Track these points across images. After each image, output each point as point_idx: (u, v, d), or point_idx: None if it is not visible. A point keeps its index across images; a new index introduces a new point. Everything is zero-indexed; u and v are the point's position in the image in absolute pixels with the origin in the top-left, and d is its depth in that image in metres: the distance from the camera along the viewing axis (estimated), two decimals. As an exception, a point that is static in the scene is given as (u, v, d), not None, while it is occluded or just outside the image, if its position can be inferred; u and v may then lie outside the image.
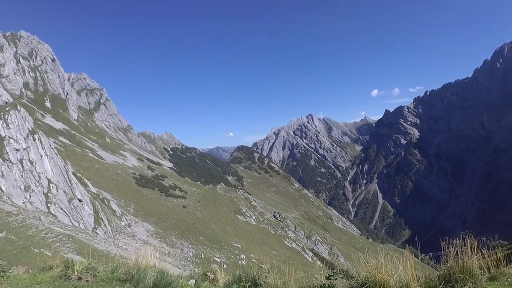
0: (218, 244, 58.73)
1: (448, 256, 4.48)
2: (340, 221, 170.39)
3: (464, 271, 4.27)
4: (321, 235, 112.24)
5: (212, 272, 6.49)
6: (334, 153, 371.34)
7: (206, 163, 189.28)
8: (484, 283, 4.30)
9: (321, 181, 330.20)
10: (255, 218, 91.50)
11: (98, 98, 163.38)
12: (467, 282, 4.19)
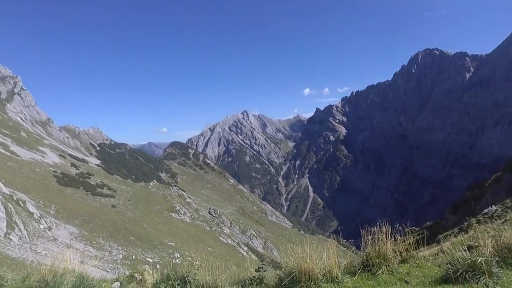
0: (151, 244, 56.53)
1: (367, 243, 4.87)
2: (274, 215, 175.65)
3: (379, 256, 4.68)
4: (255, 230, 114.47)
5: (139, 273, 6.17)
6: (268, 149, 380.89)
7: (137, 160, 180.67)
8: (396, 266, 4.75)
9: (256, 176, 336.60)
10: (189, 215, 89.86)
11: (11, 87, 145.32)
12: (382, 265, 4.60)
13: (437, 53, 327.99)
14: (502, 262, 4.62)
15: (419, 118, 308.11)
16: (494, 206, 22.90)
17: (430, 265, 4.91)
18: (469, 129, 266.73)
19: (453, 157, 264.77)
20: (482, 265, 4.01)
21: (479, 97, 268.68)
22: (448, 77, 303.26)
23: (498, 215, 16.37)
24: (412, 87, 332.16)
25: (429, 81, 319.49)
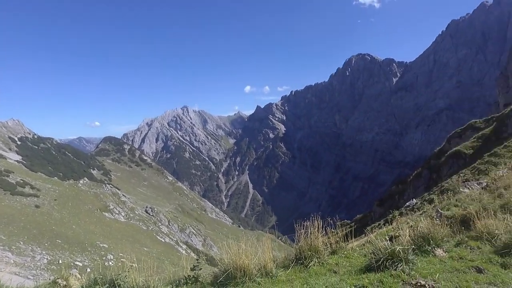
0: (81, 247, 52.75)
1: (300, 237, 5.07)
2: (214, 212, 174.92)
3: (311, 248, 4.91)
4: (195, 227, 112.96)
5: (63, 278, 5.69)
6: (208, 146, 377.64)
7: (65, 156, 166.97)
8: (326, 257, 5.03)
9: (195, 173, 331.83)
10: (124, 214, 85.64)
11: None
12: (314, 257, 4.83)
13: (368, 58, 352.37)
14: (418, 249, 5.12)
15: (352, 118, 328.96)
16: (415, 199, 25.02)
17: (356, 255, 5.27)
18: (395, 129, 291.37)
19: (381, 154, 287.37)
20: (400, 253, 4.41)
21: (403, 101, 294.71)
22: (378, 81, 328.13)
23: (418, 207, 18.11)
24: (346, 89, 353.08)
25: (361, 84, 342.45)
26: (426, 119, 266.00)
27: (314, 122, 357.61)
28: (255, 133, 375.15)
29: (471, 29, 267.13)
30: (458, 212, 7.56)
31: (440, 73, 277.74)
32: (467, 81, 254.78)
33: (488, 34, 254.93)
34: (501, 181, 9.91)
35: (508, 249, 4.72)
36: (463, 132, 69.21)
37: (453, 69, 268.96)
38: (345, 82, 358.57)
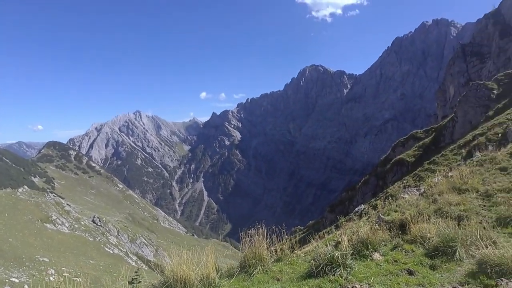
0: (17, 261, 48.47)
1: (245, 245, 5.05)
2: (167, 221, 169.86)
3: (255, 256, 4.91)
4: (146, 237, 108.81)
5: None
6: (162, 152, 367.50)
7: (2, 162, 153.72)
8: (270, 265, 5.06)
9: (148, 181, 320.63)
10: (69, 225, 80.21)
11: None
12: (258, 265, 4.83)
13: (321, 69, 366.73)
14: (357, 254, 5.33)
15: (306, 126, 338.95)
16: (363, 205, 26.07)
17: (301, 262, 5.36)
18: (345, 138, 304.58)
19: (332, 162, 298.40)
20: (339, 259, 4.55)
21: (353, 111, 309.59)
22: (330, 91, 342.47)
23: (365, 213, 18.94)
24: (301, 98, 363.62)
25: (315, 94, 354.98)
26: (374, 129, 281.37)
27: (269, 129, 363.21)
28: (210, 140, 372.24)
29: (413, 47, 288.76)
30: (397, 217, 7.97)
31: (386, 86, 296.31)
32: (410, 94, 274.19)
33: (427, 52, 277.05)
34: (436, 187, 10.64)
35: (437, 251, 5.06)
36: (406, 141, 73.98)
37: (398, 82, 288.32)
38: (299, 92, 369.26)
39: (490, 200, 8.72)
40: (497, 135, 34.92)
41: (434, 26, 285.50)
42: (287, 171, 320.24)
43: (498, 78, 63.09)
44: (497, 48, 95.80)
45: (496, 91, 59.44)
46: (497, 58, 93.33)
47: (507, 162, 11.85)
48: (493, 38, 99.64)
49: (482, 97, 59.93)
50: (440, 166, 36.43)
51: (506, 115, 43.55)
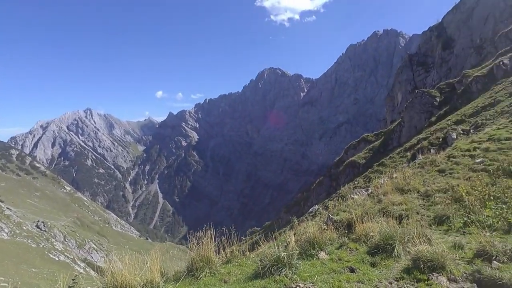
0: None
1: (192, 248, 4.96)
2: (119, 225, 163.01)
3: (203, 259, 4.84)
4: (96, 242, 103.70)
5: None
6: (115, 153, 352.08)
7: None
8: (219, 267, 5.02)
9: (99, 182, 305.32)
10: (8, 231, 74.28)
11: None
12: (205, 268, 4.76)
13: (279, 72, 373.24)
14: (304, 253, 5.46)
15: (263, 128, 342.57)
16: (317, 205, 26.75)
17: (250, 263, 5.37)
18: (302, 140, 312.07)
19: (289, 163, 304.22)
20: (284, 259, 4.62)
21: (309, 114, 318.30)
22: (287, 94, 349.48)
23: (319, 213, 19.49)
24: (259, 100, 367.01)
25: (272, 96, 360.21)
26: (329, 132, 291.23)
27: (227, 131, 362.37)
28: (166, 140, 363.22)
29: (365, 54, 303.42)
30: (345, 217, 8.28)
31: (340, 90, 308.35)
32: (363, 99, 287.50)
33: (379, 60, 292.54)
34: (381, 188, 11.20)
35: (377, 249, 5.33)
36: (358, 144, 77.46)
37: (351, 87, 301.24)
38: (257, 93, 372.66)
39: (429, 200, 9.35)
40: (439, 140, 37.61)
41: (384, 36, 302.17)
42: (244, 173, 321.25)
43: (440, 87, 68.14)
44: (440, 59, 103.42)
45: (438, 98, 64.08)
46: (439, 68, 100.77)
47: (445, 165, 12.79)
48: (436, 50, 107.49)
49: (426, 104, 64.34)
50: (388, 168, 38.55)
51: (447, 121, 47.10)
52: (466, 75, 60.08)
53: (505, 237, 6.29)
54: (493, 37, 76.53)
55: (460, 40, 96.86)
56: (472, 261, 4.82)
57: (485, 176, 10.28)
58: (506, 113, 29.56)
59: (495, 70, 50.17)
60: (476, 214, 7.54)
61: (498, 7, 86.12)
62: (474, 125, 34.18)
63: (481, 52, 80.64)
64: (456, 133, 30.00)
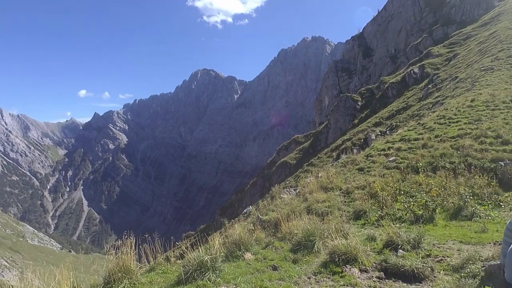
0: None
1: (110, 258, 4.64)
2: (36, 238, 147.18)
3: (121, 269, 4.55)
4: (8, 259, 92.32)
5: None
6: (31, 158, 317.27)
7: None
8: (139, 276, 4.77)
9: (11, 191, 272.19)
10: None
11: None
12: (124, 279, 4.49)
13: (213, 74, 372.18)
14: (230, 255, 5.48)
15: (197, 130, 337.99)
16: (251, 206, 27.06)
17: (174, 270, 5.21)
18: (236, 142, 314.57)
19: (223, 165, 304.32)
20: (208, 263, 4.58)
21: (243, 116, 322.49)
22: (221, 96, 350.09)
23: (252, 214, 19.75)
24: (192, 102, 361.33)
25: (206, 97, 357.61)
26: (262, 133, 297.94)
27: (159, 132, 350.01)
28: (92, 143, 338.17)
29: (296, 59, 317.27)
30: (273, 216, 8.50)
31: (273, 93, 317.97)
32: (293, 102, 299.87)
33: (308, 65, 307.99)
34: (307, 187, 11.73)
35: (300, 246, 5.57)
36: (289, 145, 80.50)
37: (283, 90, 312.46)
38: (190, 95, 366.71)
39: (350, 197, 10.05)
40: (360, 140, 40.73)
41: (313, 42, 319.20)
42: (178, 176, 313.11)
43: (362, 92, 74.02)
44: (361, 66, 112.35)
45: (360, 102, 69.46)
46: (361, 74, 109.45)
47: (364, 163, 13.87)
48: (358, 57, 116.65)
49: (350, 108, 69.36)
50: (316, 167, 40.68)
51: (367, 123, 51.24)
52: (383, 82, 66.13)
53: (411, 227, 7.02)
54: (405, 48, 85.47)
55: (378, 50, 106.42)
56: (382, 251, 5.29)
57: (397, 173, 11.36)
58: (416, 116, 33.14)
59: (407, 78, 56.06)
60: (388, 208, 8.30)
61: (409, 21, 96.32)
62: (390, 127, 37.73)
63: (396, 61, 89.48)
64: (375, 134, 32.80)
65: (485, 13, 59.81)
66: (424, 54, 59.76)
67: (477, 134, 13.39)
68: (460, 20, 67.67)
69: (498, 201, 8.46)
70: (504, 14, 49.42)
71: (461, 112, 17.87)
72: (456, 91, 29.60)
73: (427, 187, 9.43)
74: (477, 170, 10.15)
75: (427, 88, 42.04)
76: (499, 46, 35.45)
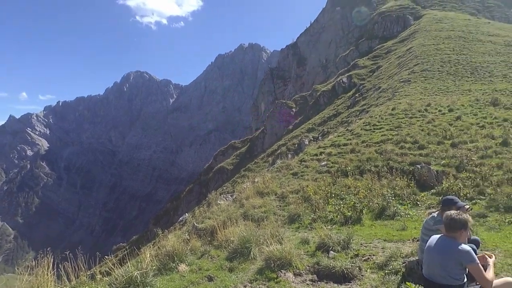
0: None
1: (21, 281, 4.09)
2: None
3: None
4: None
5: None
6: None
7: None
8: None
9: None
10: None
11: None
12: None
13: (147, 76, 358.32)
14: (163, 268, 5.20)
15: (130, 135, 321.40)
16: (187, 214, 26.39)
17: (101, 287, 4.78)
18: (171, 147, 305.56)
19: (158, 172, 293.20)
20: (137, 278, 4.28)
21: (179, 120, 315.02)
22: (156, 99, 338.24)
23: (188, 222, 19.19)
24: (124, 105, 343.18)
25: (139, 101, 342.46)
26: (199, 139, 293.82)
27: (87, 138, 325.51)
28: (6, 149, 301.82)
29: (233, 64, 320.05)
30: (210, 224, 8.32)
31: (209, 98, 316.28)
32: (230, 107, 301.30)
33: (245, 71, 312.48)
34: (244, 192, 11.75)
35: (236, 253, 5.51)
36: (226, 150, 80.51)
37: (220, 96, 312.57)
38: (122, 98, 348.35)
39: (285, 201, 10.28)
40: (295, 145, 42.22)
41: (250, 49, 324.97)
42: (107, 184, 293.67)
43: (296, 99, 77.16)
44: (295, 74, 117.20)
45: (294, 109, 72.23)
46: (295, 82, 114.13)
47: (298, 168, 14.35)
48: (292, 66, 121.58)
49: (285, 114, 71.71)
50: (253, 172, 41.19)
51: (301, 129, 53.40)
52: (315, 90, 69.66)
53: (342, 228, 7.39)
54: (335, 59, 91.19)
55: (311, 59, 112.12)
56: (314, 254, 5.46)
57: (328, 177, 11.94)
58: (345, 123, 35.37)
59: (337, 86, 59.77)
60: (321, 211, 8.66)
61: (338, 34, 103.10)
62: (322, 132, 39.73)
63: (327, 70, 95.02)
64: (308, 139, 34.27)
65: (403, 30, 66.43)
66: (351, 65, 64.29)
67: (397, 140, 14.68)
68: (382, 35, 74.15)
69: (416, 201, 9.35)
70: (419, 32, 55.39)
71: (384, 120, 19.49)
72: (380, 100, 32.27)
73: (355, 189, 10.08)
74: (398, 173, 11.11)
75: (354, 97, 45.22)
76: (415, 60, 39.57)
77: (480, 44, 42.73)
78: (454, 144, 13.44)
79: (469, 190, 9.38)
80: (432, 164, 11.71)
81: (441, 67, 35.21)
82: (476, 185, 9.74)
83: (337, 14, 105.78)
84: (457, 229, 3.59)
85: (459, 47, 41.69)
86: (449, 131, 15.10)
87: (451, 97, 23.58)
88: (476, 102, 21.15)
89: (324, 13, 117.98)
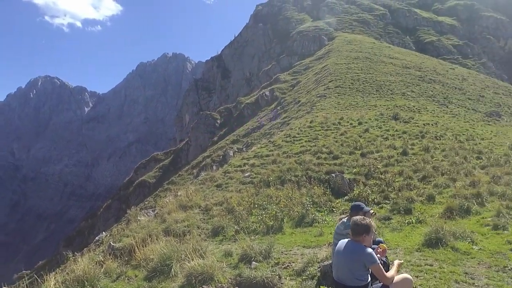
0: None
1: None
2: None
3: None
4: None
5: None
6: None
7: None
8: None
9: None
10: None
11: None
12: None
13: (58, 82, 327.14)
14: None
15: (36, 147, 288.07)
16: (104, 232, 24.41)
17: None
18: (86, 160, 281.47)
19: (71, 188, 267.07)
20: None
21: (96, 131, 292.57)
22: (68, 108, 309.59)
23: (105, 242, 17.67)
24: (30, 113, 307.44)
25: (48, 109, 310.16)
26: (118, 151, 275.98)
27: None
28: None
29: (156, 74, 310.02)
30: (128, 242, 7.81)
31: (130, 108, 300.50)
32: (153, 118, 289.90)
33: (168, 80, 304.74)
34: (166, 207, 11.33)
35: (155, 272, 5.26)
36: (147, 163, 77.01)
37: (142, 105, 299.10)
38: (28, 105, 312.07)
39: (209, 214, 10.17)
40: (219, 157, 42.21)
41: (174, 59, 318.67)
42: (8, 203, 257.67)
43: (221, 110, 77.54)
44: (220, 86, 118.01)
45: (219, 120, 72.47)
46: (220, 94, 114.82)
47: (222, 180, 14.36)
48: (217, 78, 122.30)
49: (210, 125, 71.52)
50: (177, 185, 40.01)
51: (226, 140, 53.69)
52: (240, 102, 70.90)
53: (264, 238, 7.56)
54: (258, 73, 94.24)
55: (235, 72, 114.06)
56: (237, 266, 5.49)
57: (252, 187, 12.17)
58: (267, 134, 36.57)
59: (260, 99, 61.70)
60: (244, 222, 8.76)
61: (261, 49, 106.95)
62: (246, 144, 40.46)
63: (250, 83, 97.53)
64: (233, 151, 34.59)
65: (319, 49, 71.78)
66: (273, 79, 67.08)
67: (315, 151, 15.66)
68: (300, 52, 79.04)
69: (332, 207, 10.05)
70: (332, 51, 60.39)
71: (302, 132, 20.65)
72: (299, 113, 34.18)
73: (277, 199, 10.43)
74: (315, 182, 11.83)
75: (276, 110, 47.16)
76: (329, 77, 42.93)
77: (383, 65, 48.26)
78: (363, 154, 14.81)
79: (376, 196, 10.41)
80: (345, 172, 12.73)
81: (352, 84, 38.80)
82: (382, 190, 10.84)
83: (260, 30, 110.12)
84: (360, 233, 3.93)
85: (366, 67, 46.51)
86: (359, 142, 16.61)
87: (360, 112, 26.05)
88: (380, 116, 23.70)
89: (247, 28, 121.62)
